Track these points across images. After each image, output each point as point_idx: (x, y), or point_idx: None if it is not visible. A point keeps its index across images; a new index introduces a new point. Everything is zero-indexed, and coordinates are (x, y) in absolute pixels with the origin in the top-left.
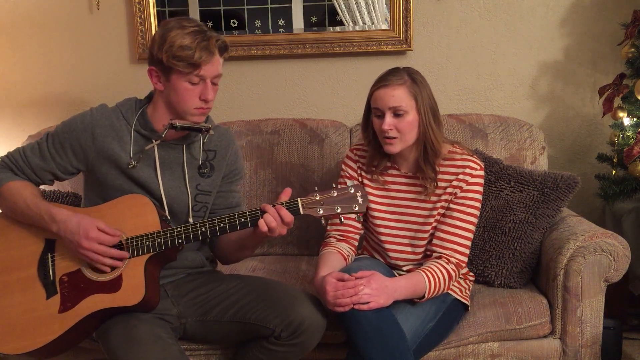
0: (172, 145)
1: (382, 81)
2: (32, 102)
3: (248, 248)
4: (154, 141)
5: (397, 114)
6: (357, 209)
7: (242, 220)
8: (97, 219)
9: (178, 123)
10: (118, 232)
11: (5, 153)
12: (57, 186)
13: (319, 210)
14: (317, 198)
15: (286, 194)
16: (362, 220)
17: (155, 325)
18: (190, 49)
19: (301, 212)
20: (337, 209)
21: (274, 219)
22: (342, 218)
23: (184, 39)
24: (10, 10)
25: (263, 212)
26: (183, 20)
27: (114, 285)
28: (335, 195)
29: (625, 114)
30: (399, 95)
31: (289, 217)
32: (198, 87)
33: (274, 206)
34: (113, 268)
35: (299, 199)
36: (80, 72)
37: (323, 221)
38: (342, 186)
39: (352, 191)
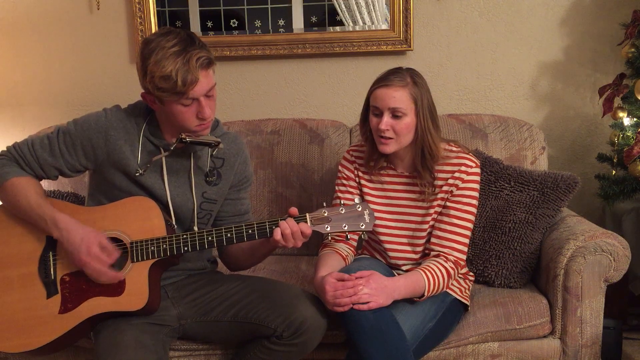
0: (180, 153)
1: (384, 80)
2: (32, 102)
3: (257, 257)
4: (162, 150)
5: (395, 115)
6: (363, 227)
7: (250, 232)
8: (101, 235)
9: (188, 138)
10: (118, 251)
11: (12, 144)
12: (57, 186)
13: (327, 227)
14: (325, 214)
15: (293, 213)
16: (366, 236)
17: (143, 331)
18: (171, 78)
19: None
20: (344, 226)
21: (289, 227)
22: (348, 235)
23: (163, 67)
24: (10, 10)
25: (275, 223)
26: (162, 39)
27: (117, 289)
28: (343, 212)
29: (625, 114)
30: (399, 97)
31: (308, 230)
32: (193, 107)
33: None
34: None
35: (307, 214)
36: (80, 72)
37: (329, 237)
38: (350, 203)
39: (360, 209)
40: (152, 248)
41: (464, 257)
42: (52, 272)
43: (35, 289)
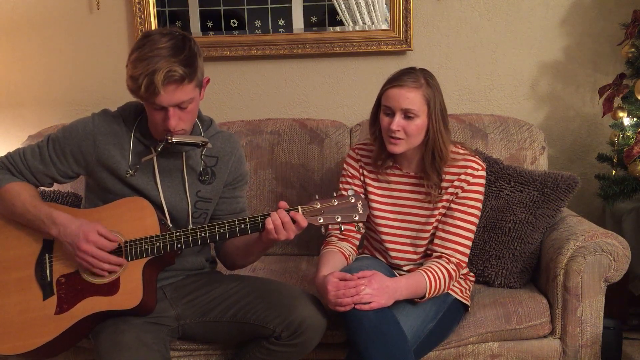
0: (171, 153)
1: (398, 80)
2: (32, 102)
3: (253, 254)
4: (152, 150)
5: (407, 116)
6: (357, 218)
7: (242, 226)
8: (98, 222)
9: (174, 139)
10: (117, 237)
11: (5, 154)
12: (57, 186)
13: (319, 219)
14: (318, 206)
15: (283, 207)
16: (361, 229)
17: (144, 330)
18: (137, 81)
19: None
20: (337, 217)
21: (279, 217)
22: (342, 227)
23: (135, 68)
24: (10, 10)
25: (267, 217)
26: (157, 39)
27: (111, 289)
28: (335, 204)
29: (625, 114)
30: (412, 98)
31: (302, 220)
32: (162, 113)
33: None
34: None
35: (299, 207)
36: (80, 72)
37: (323, 229)
38: (343, 195)
39: (353, 200)
40: (146, 246)
41: (466, 259)
42: (48, 274)
43: (32, 291)
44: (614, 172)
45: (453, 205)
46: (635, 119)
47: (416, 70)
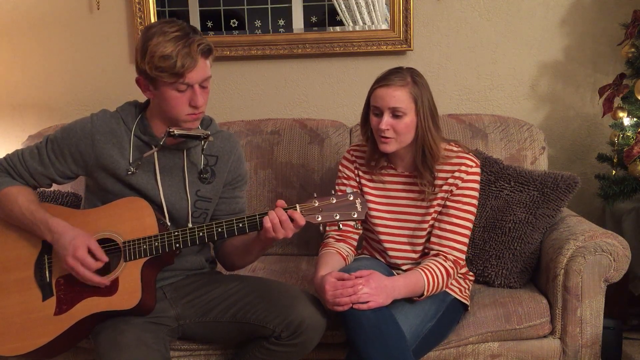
0: (172, 150)
1: (384, 80)
2: (32, 102)
3: (252, 254)
4: (153, 147)
5: (395, 114)
6: (355, 216)
7: (240, 225)
8: (92, 238)
9: (176, 131)
10: (105, 257)
11: (3, 156)
12: (57, 186)
13: (318, 217)
14: (316, 205)
15: (280, 205)
16: (360, 227)
17: (144, 330)
18: (171, 58)
19: None
20: (336, 215)
21: (277, 216)
22: (341, 225)
23: (164, 47)
24: (10, 10)
25: (265, 215)
26: (164, 25)
27: (110, 289)
28: (334, 202)
29: (625, 114)
30: (399, 97)
31: (301, 219)
32: (186, 94)
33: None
34: (107, 272)
35: (297, 205)
36: (80, 72)
37: (321, 227)
38: (341, 193)
39: (351, 198)
40: (144, 246)
41: (464, 256)
42: (47, 275)
43: (31, 292)
44: (614, 172)
45: (448, 203)
46: (635, 119)
47: (403, 69)
